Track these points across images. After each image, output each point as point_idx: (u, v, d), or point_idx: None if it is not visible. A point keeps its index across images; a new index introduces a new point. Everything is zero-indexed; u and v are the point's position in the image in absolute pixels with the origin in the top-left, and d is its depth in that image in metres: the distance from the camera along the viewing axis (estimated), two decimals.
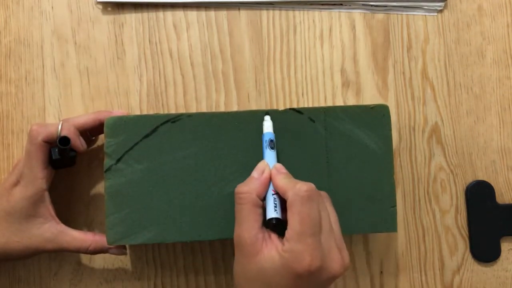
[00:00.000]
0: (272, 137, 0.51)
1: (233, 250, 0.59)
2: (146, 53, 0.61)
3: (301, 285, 0.43)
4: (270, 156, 0.50)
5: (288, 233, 0.44)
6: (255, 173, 0.48)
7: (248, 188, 0.46)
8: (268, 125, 0.52)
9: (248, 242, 0.44)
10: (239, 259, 0.46)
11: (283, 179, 0.47)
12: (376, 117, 0.53)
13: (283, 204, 0.46)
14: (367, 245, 0.60)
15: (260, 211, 0.46)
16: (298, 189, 0.44)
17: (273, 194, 0.47)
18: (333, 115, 0.53)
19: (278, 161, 0.51)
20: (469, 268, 0.61)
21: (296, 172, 0.52)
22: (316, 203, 0.45)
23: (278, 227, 0.45)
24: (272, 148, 0.50)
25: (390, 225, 0.52)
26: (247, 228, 0.45)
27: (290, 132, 0.52)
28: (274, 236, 0.45)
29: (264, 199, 0.47)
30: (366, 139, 0.52)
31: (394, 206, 0.52)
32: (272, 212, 0.46)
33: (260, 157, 0.52)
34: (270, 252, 0.44)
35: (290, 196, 0.44)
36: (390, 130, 0.53)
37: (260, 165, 0.49)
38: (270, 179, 0.48)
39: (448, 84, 0.62)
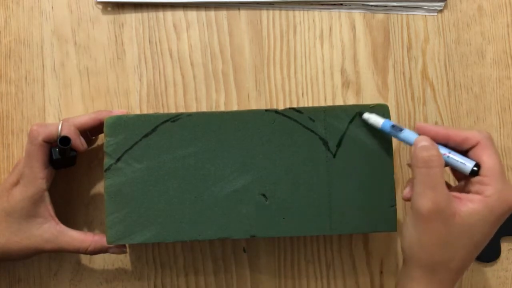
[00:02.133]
0: (391, 122, 0.50)
1: (234, 250, 0.59)
2: (146, 53, 0.61)
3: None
4: (408, 135, 0.48)
5: (487, 174, 0.45)
6: (423, 142, 0.46)
7: (437, 152, 0.45)
8: (375, 119, 0.51)
9: (445, 205, 0.44)
10: (431, 227, 0.45)
11: (457, 129, 0.47)
12: None
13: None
14: (367, 245, 0.60)
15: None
16: (484, 132, 0.46)
17: (448, 156, 0.47)
18: (333, 115, 0.53)
19: (279, 160, 0.51)
20: (469, 268, 0.60)
21: (296, 171, 0.52)
22: None
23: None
24: (401, 130, 0.49)
25: (390, 224, 0.52)
26: (442, 191, 0.44)
27: (290, 131, 0.52)
28: (458, 194, 0.46)
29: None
30: (366, 139, 0.52)
31: (394, 205, 0.52)
32: (465, 168, 0.46)
33: (260, 157, 0.52)
34: (468, 206, 0.44)
35: (481, 140, 0.46)
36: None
37: (421, 138, 0.47)
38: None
39: (448, 84, 0.62)
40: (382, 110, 0.53)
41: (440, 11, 0.62)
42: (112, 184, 0.51)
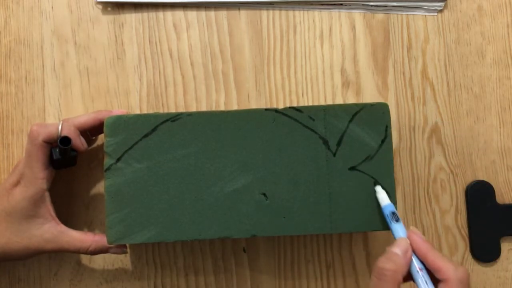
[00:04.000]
0: (393, 208, 0.50)
1: (234, 250, 0.59)
2: (146, 53, 0.61)
3: None
4: (398, 229, 0.48)
5: None
6: (397, 250, 0.46)
7: (395, 266, 0.44)
8: (383, 197, 0.51)
9: None
10: None
11: (433, 251, 0.45)
12: (375, 115, 0.53)
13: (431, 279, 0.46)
14: (367, 245, 0.60)
15: None
16: (461, 275, 0.43)
17: (418, 271, 0.45)
18: (333, 114, 0.52)
19: (279, 159, 0.51)
20: (469, 268, 0.60)
21: (296, 170, 0.52)
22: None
23: None
24: (397, 220, 0.49)
25: None
26: None
27: (290, 131, 0.52)
28: None
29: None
30: (366, 138, 0.52)
31: (394, 204, 0.52)
32: None
33: (260, 156, 0.52)
34: None
35: (452, 279, 0.43)
36: (390, 128, 0.53)
37: (402, 241, 0.46)
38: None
39: (448, 84, 0.62)
40: (382, 108, 0.53)
41: (440, 11, 0.62)
42: (112, 184, 0.51)
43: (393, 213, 0.50)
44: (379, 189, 0.52)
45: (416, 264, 0.46)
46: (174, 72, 0.61)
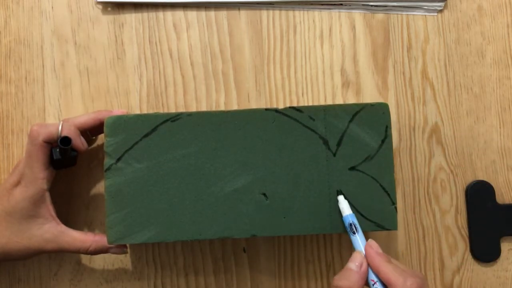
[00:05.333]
0: (352, 219, 0.50)
1: (234, 250, 0.59)
2: (146, 53, 0.61)
3: None
4: (357, 241, 0.49)
5: None
6: (352, 265, 0.47)
7: (349, 283, 0.45)
8: (344, 207, 0.51)
9: None
10: None
11: (385, 265, 0.46)
12: (376, 115, 0.53)
13: None
14: None
15: None
16: (409, 285, 0.44)
17: (373, 284, 0.46)
18: (333, 113, 0.52)
19: (279, 159, 0.51)
20: (469, 268, 0.61)
21: (297, 170, 0.52)
22: None
23: None
24: (354, 232, 0.49)
25: (390, 223, 0.52)
26: None
27: (290, 130, 0.52)
28: None
29: None
30: (366, 137, 0.52)
31: (394, 204, 0.52)
32: None
33: (260, 156, 0.52)
34: None
35: None
36: (390, 127, 0.53)
37: (357, 256, 0.47)
38: (368, 270, 0.47)
39: (448, 84, 0.62)
40: (382, 108, 0.53)
41: (440, 11, 0.62)
42: (113, 184, 0.51)
43: (351, 224, 0.50)
44: (341, 199, 0.51)
45: (370, 277, 0.46)
46: (174, 72, 0.61)
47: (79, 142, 0.53)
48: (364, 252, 0.48)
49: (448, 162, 0.61)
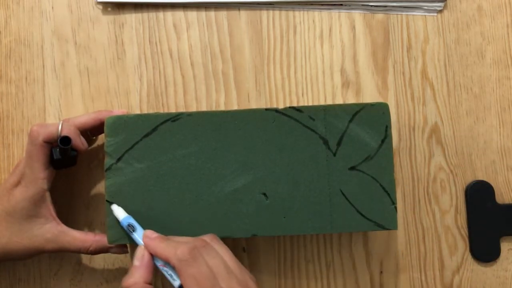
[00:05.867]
0: (129, 220, 0.50)
1: (234, 250, 0.59)
2: (146, 53, 0.61)
3: None
4: (137, 238, 0.49)
5: None
6: (136, 262, 0.48)
7: (134, 279, 0.46)
8: (118, 213, 0.51)
9: None
10: None
11: (159, 245, 0.47)
12: (375, 115, 0.53)
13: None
14: (367, 245, 0.60)
15: None
16: (180, 254, 0.45)
17: (162, 267, 0.47)
18: (333, 113, 0.53)
19: (279, 159, 0.51)
20: (469, 268, 0.61)
21: (297, 170, 0.52)
22: (203, 256, 0.45)
23: None
24: (134, 231, 0.50)
25: (390, 223, 0.52)
26: None
27: (290, 130, 0.52)
28: None
29: (151, 282, 0.47)
30: (366, 137, 0.53)
31: (394, 204, 0.52)
32: (174, 283, 0.46)
33: (261, 156, 0.52)
34: None
35: (175, 264, 0.45)
36: (390, 127, 0.53)
37: (138, 251, 0.48)
38: (152, 259, 0.48)
39: (448, 84, 0.62)
40: (382, 108, 0.53)
41: (440, 11, 0.62)
42: (113, 184, 0.52)
43: (129, 225, 0.50)
44: (114, 208, 0.51)
45: (157, 264, 0.47)
46: (174, 72, 0.61)
47: (79, 142, 0.53)
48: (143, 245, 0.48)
49: (448, 162, 0.61)
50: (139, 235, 0.50)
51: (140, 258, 0.48)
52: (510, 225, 0.61)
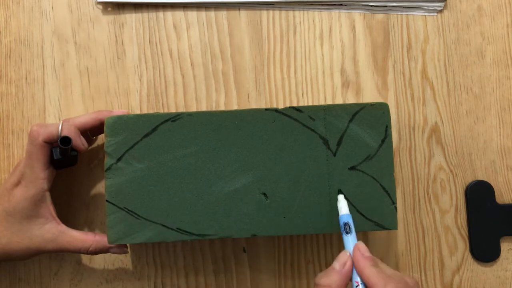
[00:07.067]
0: (348, 219, 0.50)
1: (234, 250, 0.59)
2: (146, 53, 0.61)
3: None
4: (348, 242, 0.49)
5: None
6: (336, 265, 0.47)
7: (329, 281, 0.46)
8: (342, 206, 0.51)
9: None
10: None
11: (370, 269, 0.46)
12: (375, 115, 0.53)
13: None
14: (367, 245, 0.60)
15: None
16: (393, 285, 0.44)
17: (356, 286, 0.46)
18: (333, 113, 0.53)
19: (279, 159, 0.51)
20: (468, 268, 0.61)
21: (297, 170, 0.52)
22: None
23: None
24: (348, 232, 0.49)
25: (390, 223, 0.52)
26: None
27: (290, 130, 0.52)
28: None
29: None
30: (366, 137, 0.53)
31: (394, 204, 0.52)
32: None
33: (261, 156, 0.52)
34: None
35: None
36: (390, 127, 0.53)
37: (342, 256, 0.47)
38: (352, 270, 0.47)
39: (448, 84, 0.62)
40: (382, 108, 0.53)
41: (440, 11, 0.62)
42: (113, 183, 0.51)
43: (346, 224, 0.50)
44: (341, 198, 0.51)
45: (354, 279, 0.47)
46: (174, 72, 0.61)
47: (79, 142, 0.53)
48: (351, 253, 0.48)
49: (448, 162, 0.61)
50: (352, 239, 0.49)
51: (342, 265, 0.47)
52: (510, 225, 0.61)
